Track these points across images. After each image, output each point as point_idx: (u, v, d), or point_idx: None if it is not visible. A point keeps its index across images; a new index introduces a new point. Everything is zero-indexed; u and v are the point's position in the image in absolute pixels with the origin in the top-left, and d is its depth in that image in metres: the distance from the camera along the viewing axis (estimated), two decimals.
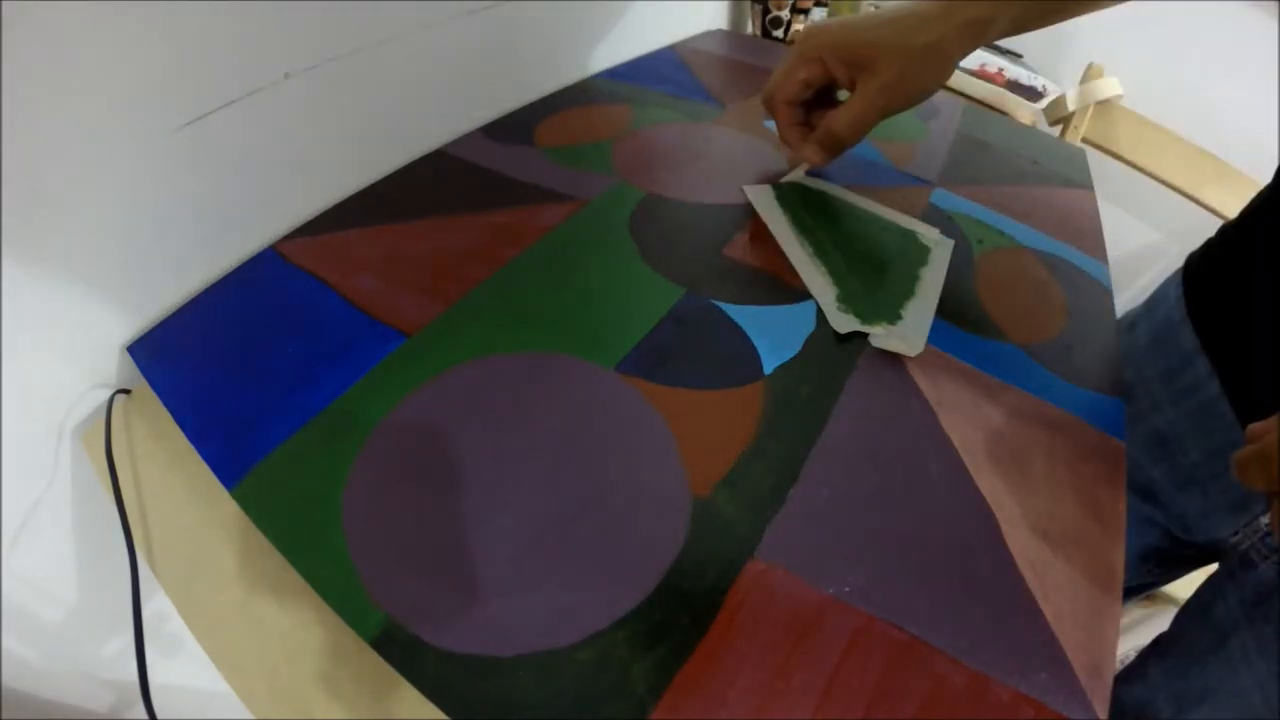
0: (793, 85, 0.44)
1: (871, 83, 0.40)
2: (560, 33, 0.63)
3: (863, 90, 0.40)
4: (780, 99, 0.45)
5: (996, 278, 0.46)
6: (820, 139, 0.44)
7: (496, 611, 0.26)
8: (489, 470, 0.31)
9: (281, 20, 0.38)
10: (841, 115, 0.42)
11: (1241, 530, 0.40)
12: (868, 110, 0.41)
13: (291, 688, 0.27)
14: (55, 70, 0.30)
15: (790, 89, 0.44)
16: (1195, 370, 0.42)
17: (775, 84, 0.45)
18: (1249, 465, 0.26)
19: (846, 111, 0.42)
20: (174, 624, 0.37)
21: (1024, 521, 0.31)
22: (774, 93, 0.45)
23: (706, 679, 0.25)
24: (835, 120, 0.42)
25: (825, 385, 0.36)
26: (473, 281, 0.40)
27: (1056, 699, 0.25)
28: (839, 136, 0.43)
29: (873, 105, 0.40)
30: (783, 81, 0.45)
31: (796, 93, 0.44)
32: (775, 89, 0.45)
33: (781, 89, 0.45)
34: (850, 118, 0.42)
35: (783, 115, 0.46)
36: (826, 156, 0.45)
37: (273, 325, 0.37)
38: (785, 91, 0.45)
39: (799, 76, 0.43)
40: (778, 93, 0.45)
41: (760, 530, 0.29)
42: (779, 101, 0.45)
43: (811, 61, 0.42)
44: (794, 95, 0.45)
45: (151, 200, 0.36)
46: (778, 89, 0.45)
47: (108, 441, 0.34)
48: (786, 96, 0.45)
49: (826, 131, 0.43)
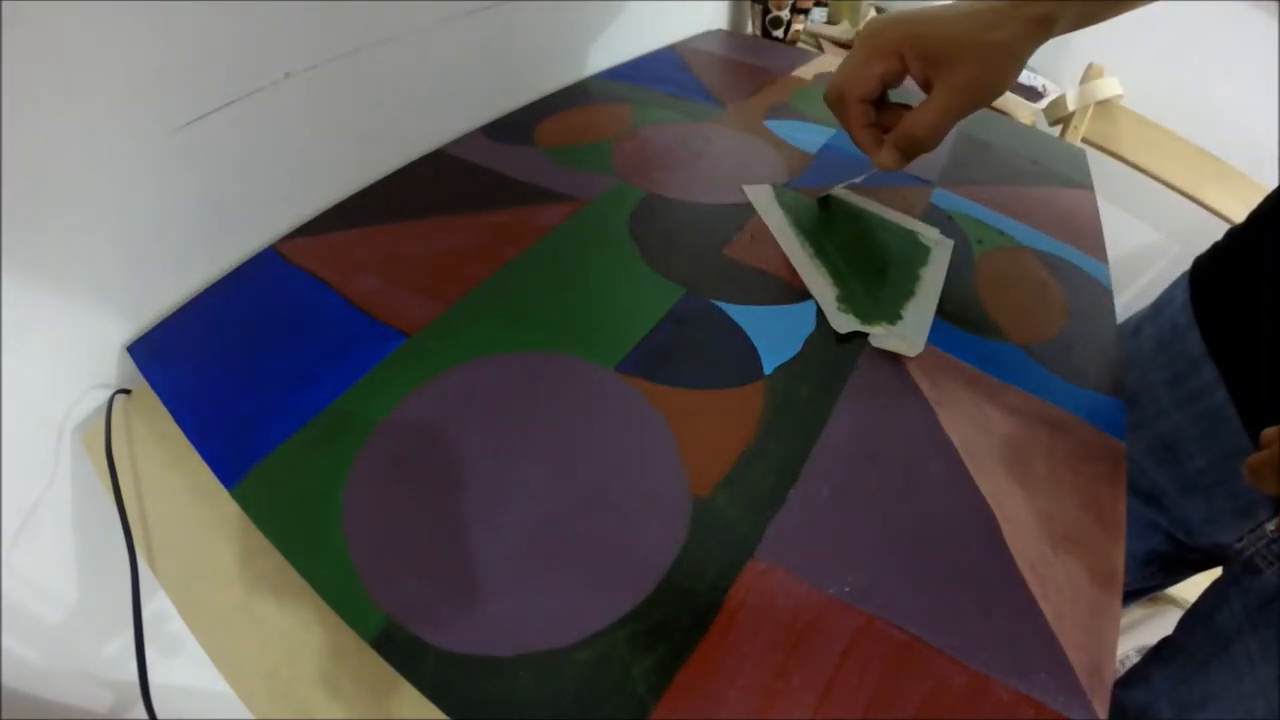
0: (869, 81, 0.39)
1: (950, 81, 0.36)
2: (560, 33, 0.63)
3: (942, 90, 0.37)
4: (854, 96, 0.40)
5: (996, 278, 0.46)
6: (900, 143, 0.39)
7: (496, 611, 0.26)
8: (489, 470, 0.31)
9: (281, 20, 0.38)
10: (923, 117, 0.38)
11: (1246, 536, 0.40)
12: (949, 112, 0.37)
13: (291, 688, 0.27)
14: (55, 70, 0.30)
15: (866, 85, 0.39)
16: (1202, 376, 0.42)
17: (847, 80, 0.40)
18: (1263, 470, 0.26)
19: (928, 113, 0.38)
20: (174, 624, 0.37)
21: (1024, 521, 0.31)
22: (845, 89, 0.40)
23: (706, 679, 0.25)
24: (916, 123, 0.38)
25: (825, 385, 0.36)
26: (473, 281, 0.40)
27: (1056, 699, 0.25)
28: (921, 140, 0.38)
29: (953, 106, 0.37)
30: (857, 77, 0.39)
31: (872, 89, 0.40)
32: (847, 85, 0.40)
33: (855, 85, 0.40)
34: (934, 119, 0.38)
35: (856, 115, 0.41)
36: (903, 161, 0.41)
37: (273, 325, 0.37)
38: (860, 88, 0.40)
39: (874, 71, 0.39)
40: (850, 89, 0.40)
41: (760, 530, 0.29)
42: (852, 99, 0.40)
43: (889, 55, 0.38)
44: (870, 92, 0.40)
45: (151, 200, 0.36)
46: (850, 85, 0.40)
47: (108, 441, 0.34)
48: (862, 93, 0.40)
49: (907, 135, 0.39)
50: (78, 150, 0.32)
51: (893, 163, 0.41)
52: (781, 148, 0.58)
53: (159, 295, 0.39)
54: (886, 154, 0.41)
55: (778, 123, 0.63)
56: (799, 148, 0.59)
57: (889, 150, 0.41)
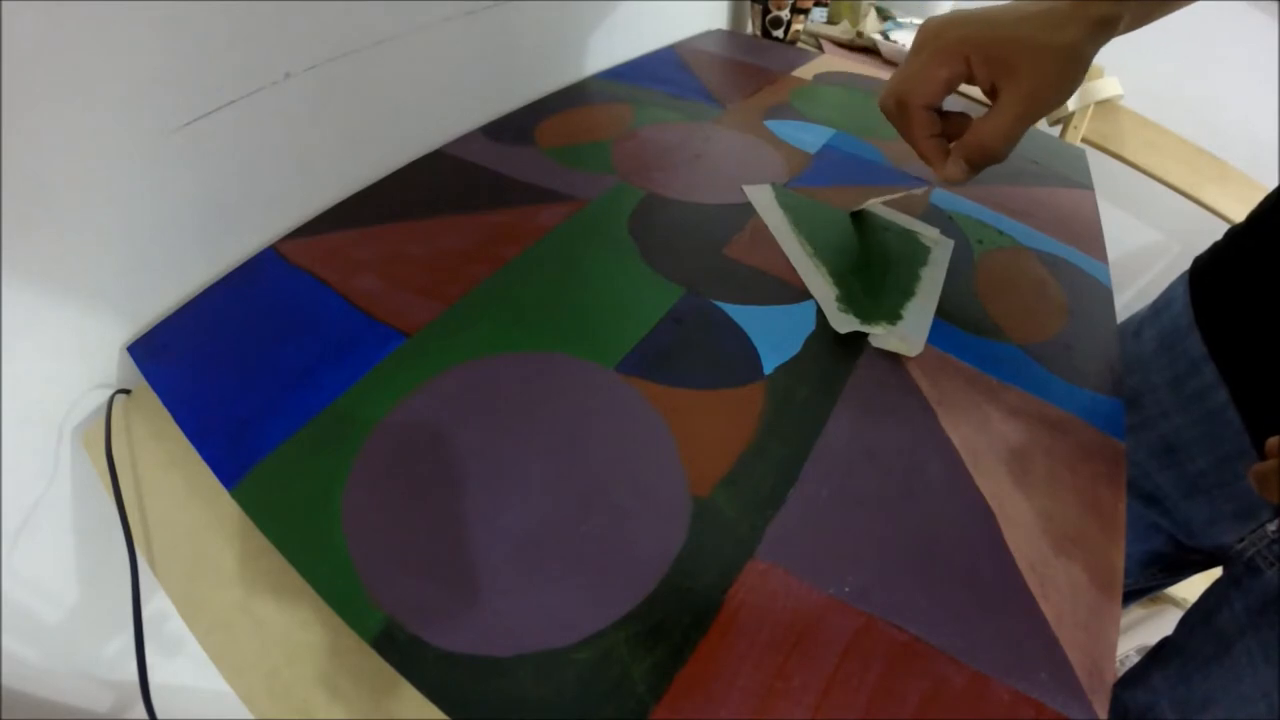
0: (935, 86, 0.36)
1: (1020, 88, 0.34)
2: (560, 33, 0.63)
3: (1013, 96, 0.34)
4: (919, 102, 0.37)
5: (996, 278, 0.46)
6: (970, 154, 0.36)
7: (496, 611, 0.26)
8: (489, 470, 0.31)
9: (281, 20, 0.38)
10: (995, 126, 0.35)
11: (1247, 537, 0.40)
12: (1022, 119, 0.35)
13: (291, 688, 0.27)
14: (55, 70, 0.30)
15: (931, 91, 0.36)
16: (1203, 377, 0.42)
17: (909, 85, 0.37)
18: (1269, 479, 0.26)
19: (1000, 121, 0.35)
20: (174, 624, 0.37)
21: (1024, 521, 0.31)
22: (909, 95, 0.37)
23: (706, 679, 0.25)
24: (987, 132, 0.35)
25: (825, 385, 0.36)
26: (473, 281, 0.40)
27: (1056, 699, 0.25)
28: (994, 151, 0.35)
29: (1025, 114, 0.34)
30: (921, 81, 0.36)
31: (938, 96, 0.37)
32: (910, 91, 0.37)
33: (920, 91, 0.36)
34: (1007, 128, 0.35)
35: (921, 123, 0.37)
36: (971, 175, 0.37)
37: (273, 325, 0.37)
38: (925, 94, 0.36)
39: (940, 76, 0.36)
40: (915, 95, 0.37)
41: (760, 530, 0.29)
42: (916, 106, 0.37)
43: (955, 59, 0.35)
44: (935, 98, 0.37)
45: (151, 200, 0.36)
46: (914, 91, 0.37)
47: (108, 441, 0.34)
48: (927, 100, 0.37)
49: (978, 146, 0.36)
50: (78, 150, 0.32)
51: (961, 176, 0.38)
52: (781, 148, 0.58)
53: (159, 295, 0.39)
54: (954, 167, 0.37)
55: (778, 123, 0.63)
56: (799, 148, 0.59)
57: (956, 162, 0.37)
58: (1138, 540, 0.48)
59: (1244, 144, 1.01)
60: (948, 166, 0.38)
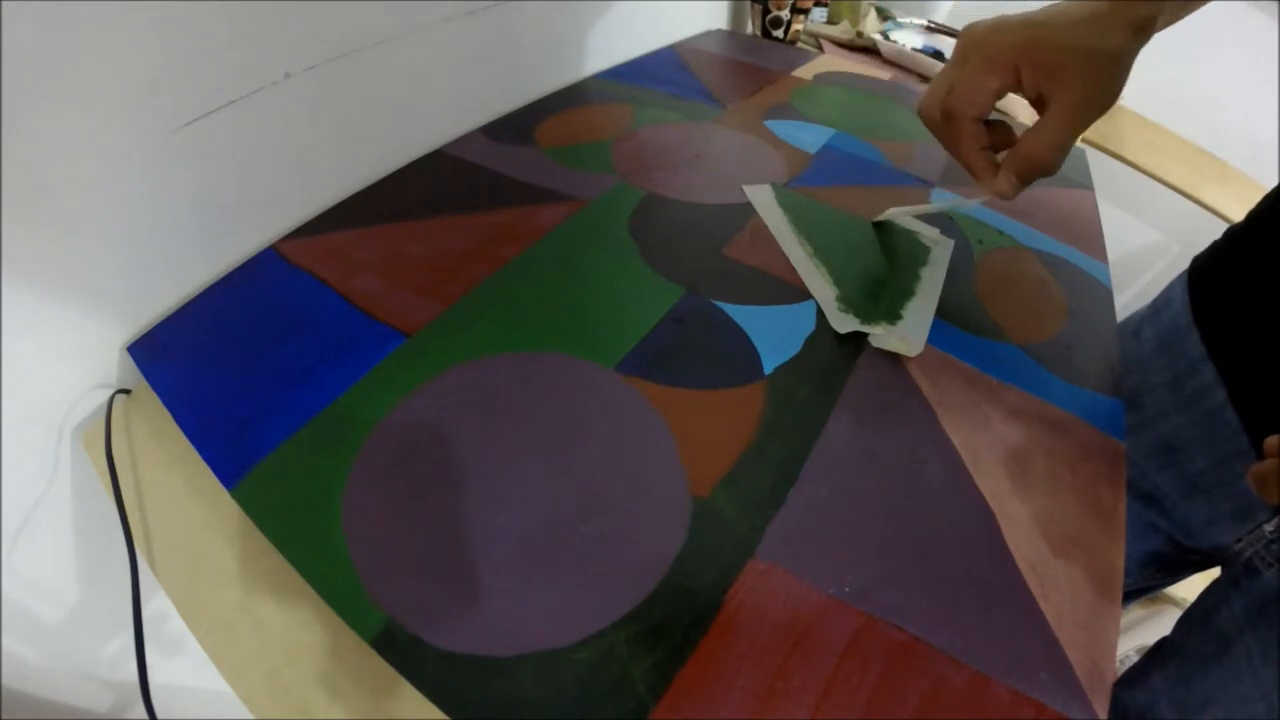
0: (985, 97, 0.34)
1: (1071, 97, 0.32)
2: (560, 33, 0.63)
3: (1063, 106, 0.33)
4: (968, 114, 0.35)
5: (996, 278, 0.46)
6: (1022, 168, 0.35)
7: (496, 611, 0.26)
8: (489, 470, 0.31)
9: (281, 20, 0.38)
10: (1045, 137, 0.33)
11: (1245, 537, 0.40)
12: (1073, 130, 0.33)
13: (291, 688, 0.27)
14: (55, 70, 0.30)
15: (981, 102, 0.35)
16: (1202, 377, 0.42)
17: (958, 95, 0.35)
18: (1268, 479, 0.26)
19: (1052, 132, 0.33)
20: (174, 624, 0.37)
21: (1024, 521, 0.31)
22: (957, 106, 0.35)
23: (706, 679, 0.25)
24: (1037, 144, 0.34)
25: (825, 385, 0.36)
26: (473, 281, 0.40)
27: (1056, 699, 0.25)
28: (1047, 164, 0.34)
29: (1077, 124, 0.33)
30: (970, 92, 0.35)
31: (988, 107, 0.35)
32: (959, 101, 0.35)
33: (970, 101, 0.35)
34: (1059, 139, 0.33)
35: (970, 136, 0.36)
36: (1021, 188, 0.36)
37: (273, 325, 0.37)
38: (975, 105, 0.35)
39: (990, 86, 0.34)
40: (964, 106, 0.35)
41: (760, 530, 0.29)
42: (965, 118, 0.35)
43: (1004, 68, 0.34)
44: (985, 110, 0.35)
45: (151, 200, 0.36)
46: (963, 101, 0.35)
47: (108, 441, 0.34)
48: (977, 111, 0.35)
49: (1030, 159, 0.34)
50: (78, 150, 0.32)
51: (1012, 191, 0.36)
52: (781, 148, 0.58)
53: (159, 295, 0.39)
54: (1004, 181, 0.36)
55: (778, 123, 0.63)
56: (799, 148, 0.59)
57: (1007, 176, 0.35)
58: (1136, 540, 0.48)
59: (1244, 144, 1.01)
60: (998, 181, 0.36)
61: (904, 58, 0.88)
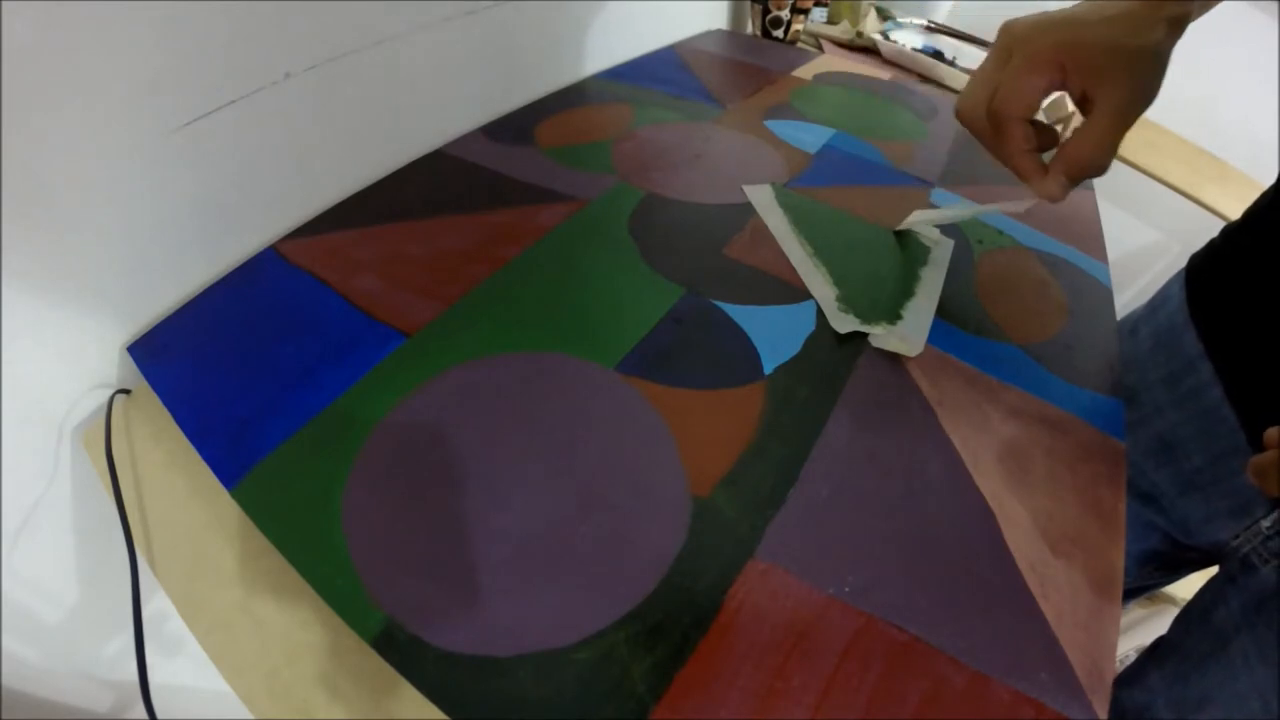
0: (1033, 96, 0.33)
1: (1116, 96, 0.32)
2: (560, 33, 0.63)
3: (1109, 105, 0.32)
4: (1016, 114, 0.34)
5: (996, 278, 0.46)
6: (1071, 169, 0.34)
7: (496, 611, 0.26)
8: (489, 470, 0.31)
9: (281, 20, 0.38)
10: (1094, 137, 0.33)
11: (1243, 534, 0.40)
12: (1120, 128, 0.32)
13: (291, 688, 0.27)
14: (55, 70, 0.30)
15: (1029, 101, 0.33)
16: (1198, 374, 0.42)
17: (1005, 96, 0.34)
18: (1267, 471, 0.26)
19: (1099, 132, 0.32)
20: (174, 624, 0.37)
21: (1024, 521, 0.31)
22: (1005, 107, 0.34)
23: (706, 679, 0.25)
24: (1087, 145, 0.33)
25: (825, 385, 0.36)
26: (473, 281, 0.40)
27: (1056, 699, 0.25)
28: (1097, 165, 0.33)
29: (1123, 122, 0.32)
30: (1018, 92, 0.33)
31: (1035, 106, 0.34)
32: (1006, 102, 0.34)
33: (1018, 101, 0.33)
34: (1108, 139, 0.32)
35: (1018, 138, 0.34)
36: (1069, 190, 0.35)
37: (273, 325, 0.37)
38: (1023, 105, 0.33)
39: (1038, 85, 0.33)
40: (1011, 107, 0.34)
41: (760, 530, 0.29)
42: (1013, 118, 0.34)
43: (1050, 66, 0.33)
44: (1033, 110, 0.34)
45: (151, 200, 0.36)
46: (1010, 102, 0.34)
47: (108, 441, 0.34)
48: (1024, 111, 0.34)
49: (1078, 160, 0.33)
50: (78, 150, 0.32)
51: (1061, 194, 0.35)
52: (781, 148, 0.58)
53: (159, 295, 0.39)
54: (1054, 183, 0.34)
55: (778, 123, 0.63)
56: (799, 148, 0.59)
57: (1056, 179, 0.34)
58: (1134, 539, 0.48)
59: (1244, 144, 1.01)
60: (1048, 184, 0.35)
61: (904, 58, 0.88)
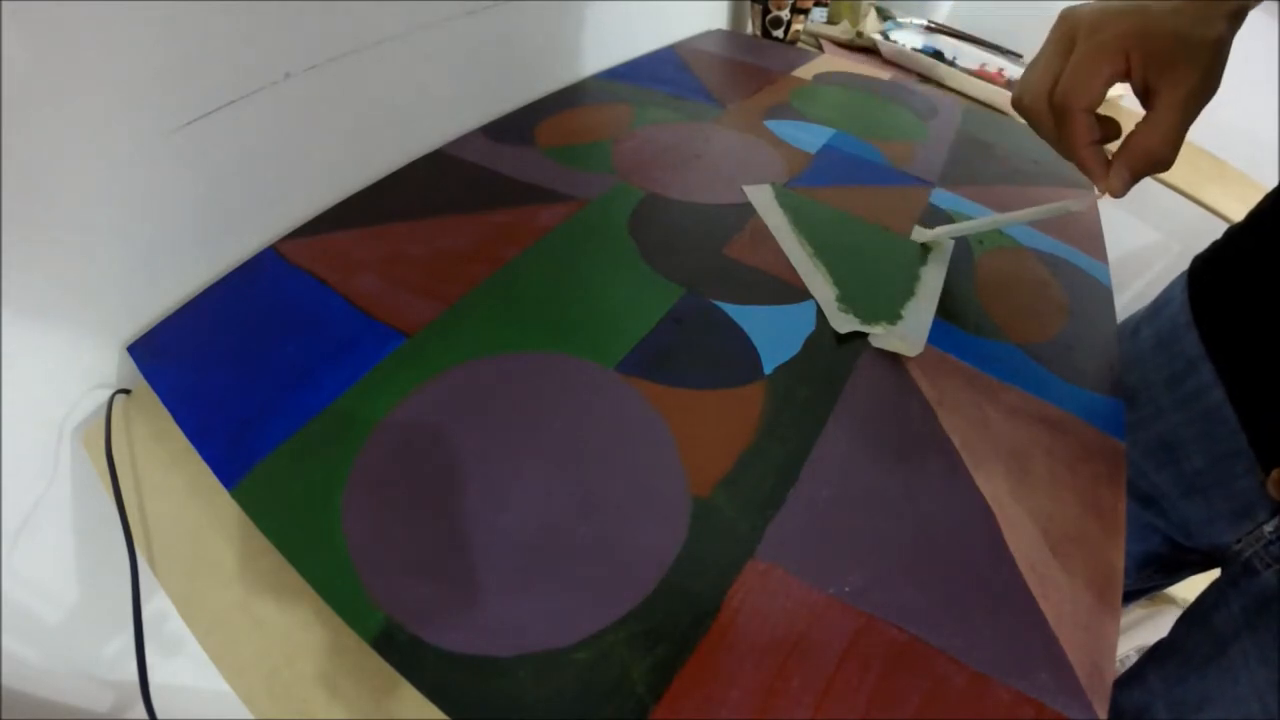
0: (1098, 86, 0.32)
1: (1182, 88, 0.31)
2: (560, 33, 0.63)
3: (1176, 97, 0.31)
4: (1082, 105, 0.33)
5: (996, 278, 0.46)
6: (1137, 163, 0.33)
7: (496, 611, 0.26)
8: (489, 470, 0.31)
9: (281, 20, 0.38)
10: (1161, 130, 0.31)
11: (1244, 537, 0.39)
12: (1186, 121, 0.31)
13: (291, 688, 0.27)
14: (55, 70, 0.30)
15: (1095, 92, 0.32)
16: (1200, 376, 0.42)
17: (1070, 85, 0.33)
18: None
19: (1166, 124, 0.31)
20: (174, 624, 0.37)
21: (1024, 521, 0.31)
22: (1070, 98, 0.33)
23: (706, 679, 0.25)
24: (1154, 137, 0.32)
25: (825, 385, 0.36)
26: (473, 281, 0.40)
27: (1056, 699, 0.25)
28: (1164, 159, 0.32)
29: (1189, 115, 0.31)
30: (1084, 81, 0.32)
31: (1101, 97, 0.33)
32: (1072, 92, 0.33)
33: (1083, 92, 0.32)
34: (1175, 131, 0.31)
35: (1083, 129, 0.33)
36: (1132, 185, 0.34)
37: (273, 325, 0.37)
38: (1089, 95, 0.32)
39: (1104, 74, 0.32)
40: (1077, 97, 0.33)
41: (760, 530, 0.29)
42: (1079, 109, 0.33)
43: (1117, 56, 0.32)
44: (1099, 101, 0.33)
45: (151, 200, 0.36)
46: (1076, 92, 0.32)
47: (108, 441, 0.34)
48: (1090, 102, 0.33)
49: (1144, 153, 0.32)
50: (77, 150, 0.32)
51: (1124, 189, 0.34)
52: (781, 148, 0.58)
53: (159, 295, 0.39)
54: (1117, 178, 0.33)
55: (778, 123, 0.63)
56: (799, 148, 0.59)
57: (1120, 174, 0.33)
58: (1135, 542, 0.48)
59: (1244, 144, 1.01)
60: (1112, 179, 0.34)
61: (904, 58, 0.88)
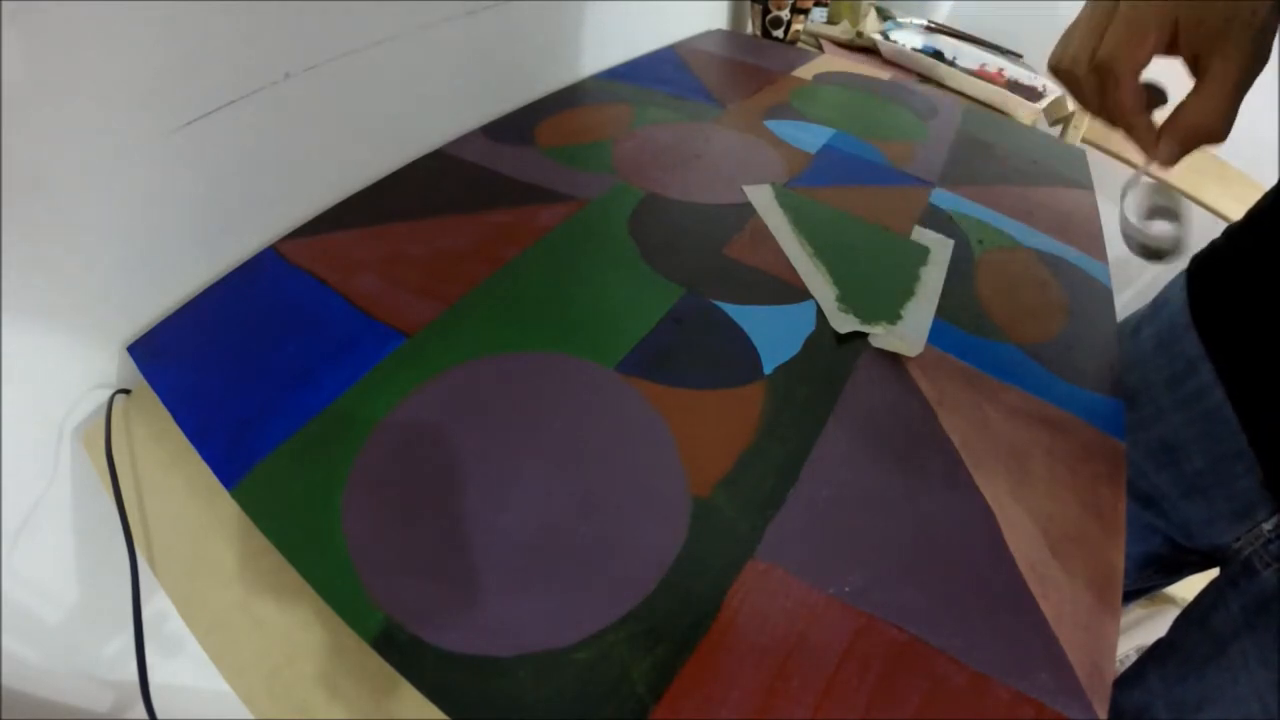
0: (1146, 50, 0.31)
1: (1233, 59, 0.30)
2: (560, 33, 0.63)
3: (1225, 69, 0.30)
4: (1129, 68, 0.32)
5: (996, 278, 0.46)
6: (1186, 136, 0.32)
7: (496, 611, 0.26)
8: (489, 470, 0.31)
9: (281, 20, 0.38)
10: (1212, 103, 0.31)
11: (1244, 537, 0.39)
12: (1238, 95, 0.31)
13: (291, 688, 0.27)
14: (55, 70, 0.30)
15: (1142, 55, 0.31)
16: (1200, 376, 0.42)
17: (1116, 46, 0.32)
18: None
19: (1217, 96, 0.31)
20: (174, 624, 0.37)
21: (1024, 521, 0.31)
22: (1116, 60, 0.32)
23: (706, 679, 0.25)
24: (1207, 111, 0.31)
25: (825, 385, 0.36)
26: (473, 281, 0.40)
27: (1056, 699, 0.25)
28: (1213, 131, 0.31)
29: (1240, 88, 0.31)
30: (1132, 42, 0.31)
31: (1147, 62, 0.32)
32: (1118, 55, 0.32)
33: (1129, 54, 0.31)
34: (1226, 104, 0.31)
35: (1131, 94, 0.32)
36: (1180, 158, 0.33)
37: (273, 325, 0.37)
38: (1137, 59, 0.31)
39: (1151, 38, 0.31)
40: (1125, 60, 0.32)
41: (760, 530, 0.29)
42: (1127, 73, 0.32)
43: (1164, 23, 0.31)
44: (1144, 65, 0.32)
45: (151, 200, 0.36)
46: (1124, 55, 0.31)
47: (108, 441, 0.34)
48: (1136, 65, 0.32)
49: (1193, 127, 0.32)
50: (78, 150, 0.32)
51: (1172, 161, 0.33)
52: (781, 148, 0.58)
53: (159, 295, 0.39)
54: (1166, 150, 0.33)
55: (778, 123, 0.63)
56: (799, 148, 0.59)
57: (1169, 146, 0.32)
58: (1135, 542, 0.48)
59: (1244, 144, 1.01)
60: (1162, 149, 0.33)
61: (904, 58, 0.88)
